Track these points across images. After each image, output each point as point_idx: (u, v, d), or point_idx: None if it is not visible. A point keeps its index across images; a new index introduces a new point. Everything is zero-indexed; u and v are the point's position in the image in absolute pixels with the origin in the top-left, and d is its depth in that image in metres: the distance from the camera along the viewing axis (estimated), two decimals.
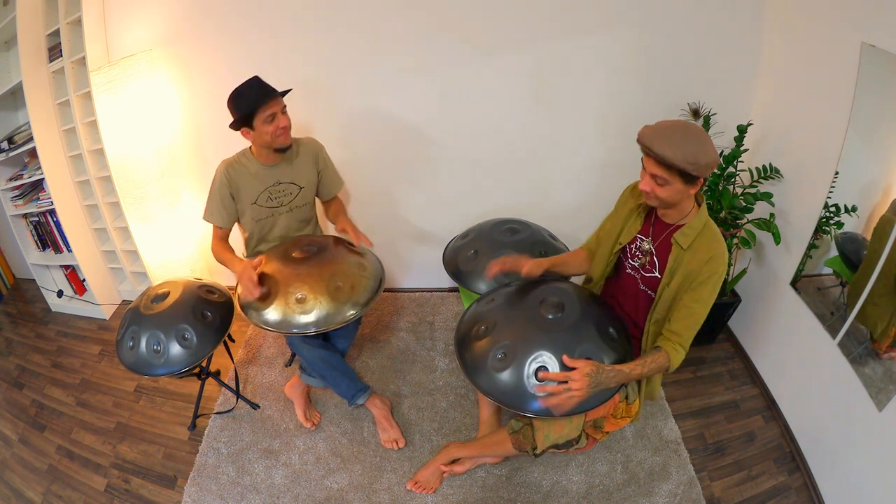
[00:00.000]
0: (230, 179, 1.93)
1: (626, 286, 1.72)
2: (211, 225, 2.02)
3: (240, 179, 1.94)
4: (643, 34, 2.16)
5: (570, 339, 1.52)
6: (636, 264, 1.65)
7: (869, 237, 1.68)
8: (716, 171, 2.18)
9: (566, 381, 1.41)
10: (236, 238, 2.14)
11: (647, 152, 1.39)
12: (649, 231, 1.60)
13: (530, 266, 1.79)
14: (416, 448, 2.06)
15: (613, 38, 2.17)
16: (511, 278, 1.88)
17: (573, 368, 1.42)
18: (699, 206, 1.52)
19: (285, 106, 1.86)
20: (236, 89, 1.81)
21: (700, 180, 1.40)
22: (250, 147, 1.96)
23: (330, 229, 2.67)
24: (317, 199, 2.19)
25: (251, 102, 1.77)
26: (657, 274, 1.57)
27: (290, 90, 1.87)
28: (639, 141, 1.41)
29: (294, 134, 2.04)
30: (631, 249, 1.67)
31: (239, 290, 1.91)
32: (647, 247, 1.59)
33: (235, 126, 1.83)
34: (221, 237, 2.03)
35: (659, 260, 1.56)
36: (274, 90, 1.82)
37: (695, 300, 1.48)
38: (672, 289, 1.51)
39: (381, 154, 2.50)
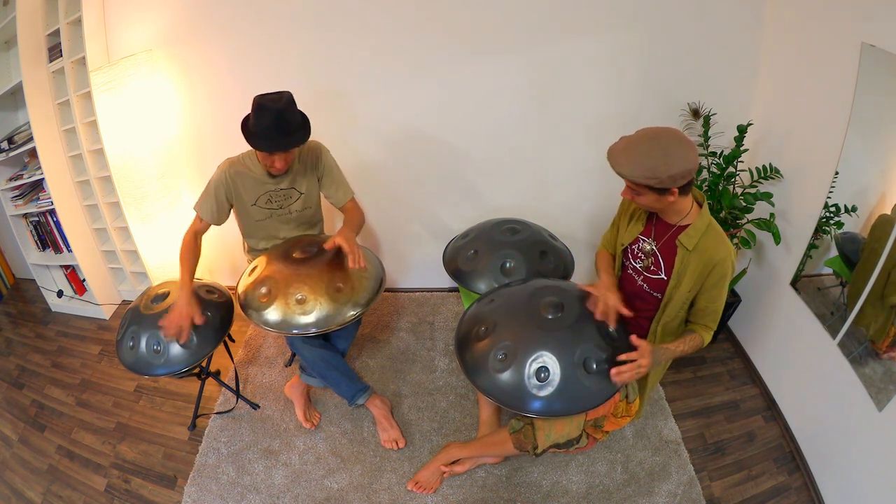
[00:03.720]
0: (231, 179, 1.91)
1: (628, 287, 1.72)
2: (195, 214, 1.96)
3: (241, 181, 1.92)
4: (643, 34, 2.16)
5: (570, 339, 1.52)
6: (639, 265, 1.65)
7: (868, 237, 1.68)
8: (715, 171, 2.18)
9: (636, 360, 1.45)
10: (235, 238, 2.13)
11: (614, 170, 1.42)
12: (651, 232, 1.60)
13: (615, 299, 1.59)
14: (416, 448, 2.06)
15: (613, 38, 2.17)
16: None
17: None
18: (700, 206, 1.51)
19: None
20: (262, 103, 1.72)
21: (674, 190, 1.38)
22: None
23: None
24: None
25: (255, 134, 1.74)
26: (663, 276, 1.57)
27: (303, 141, 1.79)
28: (607, 156, 1.43)
29: None
30: (633, 250, 1.67)
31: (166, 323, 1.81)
32: (650, 248, 1.59)
33: (243, 130, 1.80)
34: (198, 230, 1.95)
35: (664, 261, 1.56)
36: (282, 141, 1.73)
37: (711, 300, 1.54)
38: (683, 291, 1.52)
39: (381, 154, 2.50)
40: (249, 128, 1.77)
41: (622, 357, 1.46)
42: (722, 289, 1.51)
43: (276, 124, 1.71)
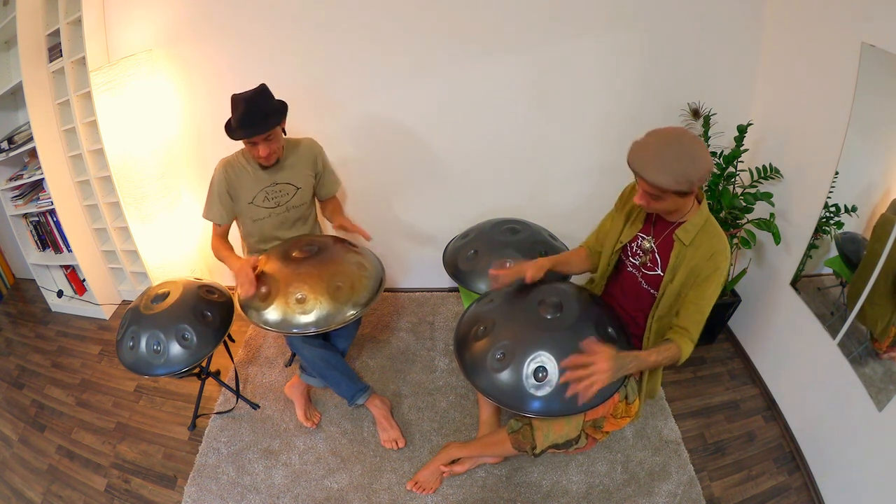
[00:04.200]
0: (228, 178, 1.94)
1: (626, 284, 1.72)
2: (210, 223, 2.03)
3: (237, 179, 1.95)
4: (643, 34, 2.16)
5: (569, 339, 1.52)
6: (637, 262, 1.65)
7: (869, 237, 1.68)
8: (715, 171, 2.18)
9: (589, 365, 1.39)
10: (235, 236, 2.14)
11: (639, 178, 1.40)
12: (650, 230, 1.61)
13: (533, 271, 1.72)
14: (415, 448, 2.06)
15: (614, 38, 2.17)
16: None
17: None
18: (699, 202, 1.52)
19: (271, 133, 1.82)
20: (234, 99, 1.80)
21: (695, 189, 1.40)
22: None
23: (329, 228, 2.67)
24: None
25: (234, 127, 1.81)
26: (659, 271, 1.58)
27: (278, 122, 1.83)
28: (629, 165, 1.40)
29: (293, 134, 2.05)
30: (632, 248, 1.67)
31: (237, 288, 1.91)
32: (649, 245, 1.60)
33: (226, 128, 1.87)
34: (220, 234, 2.04)
35: (661, 257, 1.57)
36: (258, 127, 1.77)
37: (700, 296, 1.50)
38: (675, 285, 1.52)
39: (381, 154, 2.50)
40: (230, 125, 1.84)
41: (572, 361, 1.40)
42: (711, 284, 1.47)
43: (248, 112, 1.78)
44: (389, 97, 2.34)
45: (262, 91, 1.84)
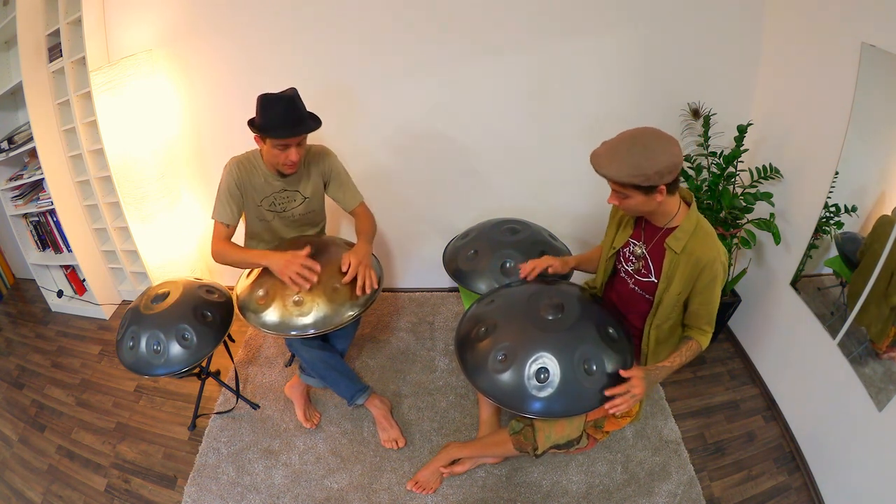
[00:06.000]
0: (241, 175, 1.88)
1: (622, 290, 1.71)
2: (213, 226, 1.96)
3: (248, 178, 1.90)
4: (643, 34, 2.16)
5: (570, 340, 1.52)
6: (630, 269, 1.64)
7: (868, 236, 1.68)
8: (715, 171, 2.18)
9: (627, 391, 1.46)
10: (236, 239, 2.13)
11: (599, 174, 1.41)
12: (641, 235, 1.59)
13: (558, 265, 1.80)
14: (416, 448, 2.06)
15: (614, 38, 2.17)
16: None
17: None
18: (688, 205, 1.50)
19: (304, 138, 1.80)
20: (269, 97, 1.72)
21: (661, 187, 1.36)
22: (261, 150, 1.89)
23: (331, 231, 2.66)
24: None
25: (270, 125, 1.73)
26: (653, 278, 1.56)
27: (318, 126, 1.80)
28: (590, 162, 1.42)
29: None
30: (625, 254, 1.66)
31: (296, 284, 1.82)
32: (640, 251, 1.58)
33: (252, 128, 1.78)
34: (226, 237, 1.92)
35: (654, 264, 1.55)
36: (299, 126, 1.74)
37: (704, 303, 1.51)
38: (672, 294, 1.51)
39: (380, 154, 2.50)
40: (261, 124, 1.75)
41: (611, 392, 1.46)
42: (713, 291, 1.49)
43: (288, 111, 1.73)
44: (389, 98, 2.34)
45: (297, 94, 1.78)
